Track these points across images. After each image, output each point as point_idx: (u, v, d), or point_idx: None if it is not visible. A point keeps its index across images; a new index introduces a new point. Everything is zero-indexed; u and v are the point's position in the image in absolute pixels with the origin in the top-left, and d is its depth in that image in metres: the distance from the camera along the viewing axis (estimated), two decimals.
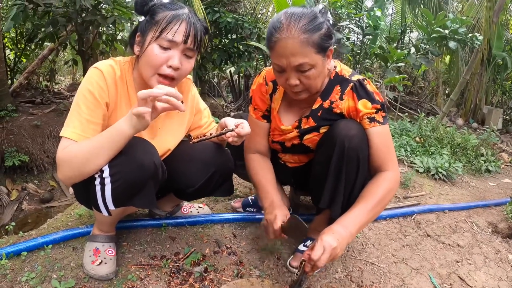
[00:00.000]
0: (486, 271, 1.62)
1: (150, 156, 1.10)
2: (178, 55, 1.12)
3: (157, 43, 1.10)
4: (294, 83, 1.17)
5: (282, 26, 1.11)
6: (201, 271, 1.29)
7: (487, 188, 2.94)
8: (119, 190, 1.09)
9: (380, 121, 1.23)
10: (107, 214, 1.16)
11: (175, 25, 1.10)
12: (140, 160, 1.08)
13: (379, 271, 1.49)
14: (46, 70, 5.82)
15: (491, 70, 6.15)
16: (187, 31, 1.11)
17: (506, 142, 5.00)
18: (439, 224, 2.02)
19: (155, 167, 1.11)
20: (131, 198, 1.13)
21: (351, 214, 1.16)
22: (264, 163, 1.44)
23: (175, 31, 1.10)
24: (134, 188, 1.11)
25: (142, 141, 1.14)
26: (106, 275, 1.25)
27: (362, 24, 3.69)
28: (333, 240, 1.07)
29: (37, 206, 3.56)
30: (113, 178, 1.07)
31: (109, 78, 1.16)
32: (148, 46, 1.11)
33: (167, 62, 1.11)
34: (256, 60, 6.08)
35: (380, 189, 1.19)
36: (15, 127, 3.80)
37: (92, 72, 1.15)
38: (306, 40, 1.09)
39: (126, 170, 1.07)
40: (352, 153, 1.18)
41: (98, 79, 1.14)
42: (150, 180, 1.12)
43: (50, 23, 3.93)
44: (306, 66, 1.13)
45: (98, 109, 1.13)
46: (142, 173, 1.09)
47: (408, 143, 3.44)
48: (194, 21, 1.14)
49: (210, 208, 1.84)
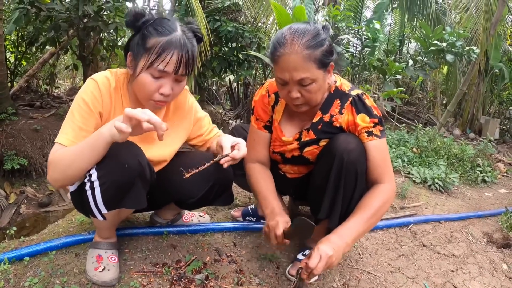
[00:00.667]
0: (480, 281, 1.65)
1: (134, 156, 1.12)
2: (169, 83, 1.15)
3: (148, 72, 1.12)
4: (295, 96, 1.21)
5: (286, 41, 1.15)
6: (202, 279, 1.32)
7: (483, 198, 2.97)
8: (108, 192, 1.11)
9: (378, 135, 1.27)
10: (101, 218, 1.17)
11: (167, 55, 1.09)
12: (125, 160, 1.10)
13: (376, 280, 1.52)
14: (46, 74, 5.85)
15: (488, 80, 6.23)
16: (179, 61, 1.11)
17: (503, 152, 5.05)
18: (435, 234, 2.05)
19: (140, 167, 1.12)
20: (121, 200, 1.14)
21: (347, 225, 1.19)
22: (264, 172, 1.47)
23: (167, 63, 1.10)
24: (122, 188, 1.12)
25: (127, 144, 1.15)
26: (109, 281, 1.27)
27: (361, 36, 3.76)
28: (329, 249, 1.11)
29: (35, 210, 3.56)
30: (100, 181, 1.09)
31: (103, 88, 1.19)
32: (140, 74, 1.13)
33: (159, 90, 1.14)
34: (256, 69, 6.14)
35: (376, 201, 1.23)
36: (14, 131, 3.82)
37: (88, 82, 1.19)
38: (308, 55, 1.14)
39: (112, 171, 1.09)
40: (350, 167, 1.22)
41: (93, 89, 1.17)
42: (137, 180, 1.14)
43: (52, 27, 3.96)
44: (308, 81, 1.17)
45: (91, 118, 1.16)
46: (128, 173, 1.10)
47: (405, 153, 3.47)
48: (186, 44, 1.13)
49: (211, 217, 1.86)
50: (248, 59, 5.12)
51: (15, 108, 4.12)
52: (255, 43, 4.86)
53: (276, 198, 1.39)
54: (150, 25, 1.13)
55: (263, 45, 5.11)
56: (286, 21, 3.16)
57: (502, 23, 6.36)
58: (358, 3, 6.17)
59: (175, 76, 1.14)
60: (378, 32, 3.62)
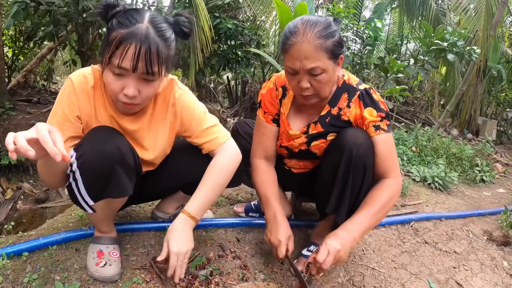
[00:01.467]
0: (482, 277, 1.66)
1: (112, 141, 1.07)
2: (133, 82, 1.01)
3: (109, 69, 1.01)
4: (305, 86, 1.20)
5: (298, 30, 1.15)
6: (206, 275, 1.30)
7: (482, 197, 2.99)
8: (89, 182, 1.07)
9: (385, 129, 1.27)
10: (90, 210, 1.13)
11: (123, 49, 0.96)
12: (102, 146, 1.05)
13: (380, 276, 1.52)
14: (44, 69, 5.80)
15: (486, 82, 6.27)
16: (136, 56, 0.96)
17: (500, 153, 5.08)
18: (436, 231, 2.05)
19: (119, 152, 1.06)
20: (104, 189, 1.09)
21: (354, 220, 1.20)
22: (269, 173, 1.46)
23: (122, 58, 0.97)
24: (102, 177, 1.07)
25: (106, 129, 1.11)
26: (111, 276, 1.24)
27: (363, 35, 3.76)
28: (337, 243, 1.12)
29: (32, 206, 3.53)
30: (81, 170, 1.05)
31: (79, 90, 1.13)
32: (103, 72, 1.04)
33: (123, 91, 1.02)
34: (254, 67, 6.12)
35: (382, 195, 1.23)
36: (12, 126, 3.78)
37: (65, 85, 1.14)
38: (320, 45, 1.14)
39: (90, 159, 1.04)
40: (359, 161, 1.21)
41: (69, 92, 1.12)
42: (117, 167, 1.07)
43: (51, 22, 3.92)
44: (318, 70, 1.17)
45: (67, 123, 1.13)
46: (106, 159, 1.05)
47: (405, 152, 3.49)
48: (149, 37, 0.98)
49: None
50: (247, 56, 5.11)
51: (13, 103, 4.08)
52: (254, 40, 4.85)
53: (279, 202, 1.39)
54: (116, 17, 1.01)
55: (263, 43, 5.10)
56: (288, 18, 3.15)
57: (501, 25, 6.39)
58: (357, 3, 6.17)
59: (138, 74, 1.00)
60: (380, 30, 3.62)
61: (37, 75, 5.80)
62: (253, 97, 6.39)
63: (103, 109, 1.19)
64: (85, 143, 1.07)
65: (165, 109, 1.28)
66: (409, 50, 7.81)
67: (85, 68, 1.18)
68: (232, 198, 2.09)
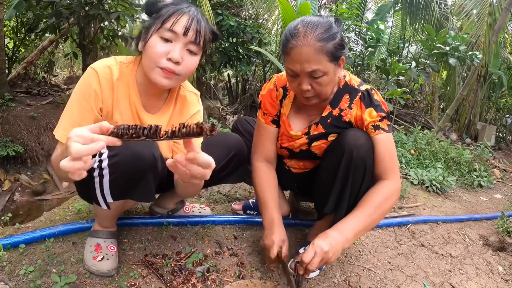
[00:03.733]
0: (477, 281, 1.67)
1: (149, 148, 1.08)
2: (180, 48, 1.08)
3: (158, 34, 1.08)
4: (306, 88, 1.20)
5: (298, 33, 1.14)
6: (203, 271, 1.30)
7: (479, 202, 3.00)
8: (116, 182, 1.07)
9: (385, 128, 1.27)
10: (105, 207, 1.14)
11: (177, 16, 1.07)
12: (138, 151, 1.05)
13: (376, 277, 1.52)
14: (44, 62, 5.77)
15: (487, 87, 6.28)
16: (188, 23, 1.07)
17: (498, 158, 5.10)
18: (433, 234, 2.06)
19: (153, 159, 1.08)
20: (129, 191, 1.11)
21: (347, 220, 1.18)
22: (269, 177, 1.45)
23: (176, 22, 1.07)
24: (132, 180, 1.08)
25: None
26: (107, 271, 1.24)
27: (365, 36, 3.76)
28: (325, 244, 1.10)
29: (29, 198, 3.52)
30: (111, 169, 1.05)
31: (104, 81, 1.13)
32: (150, 39, 1.08)
33: (168, 55, 1.07)
34: (255, 65, 6.11)
35: (378, 196, 1.22)
36: (11, 117, 3.76)
37: (88, 73, 1.13)
38: (321, 48, 1.13)
39: (124, 161, 1.04)
40: (359, 162, 1.21)
41: (93, 82, 1.12)
42: (148, 173, 1.09)
43: (53, 14, 3.90)
44: (319, 73, 1.17)
45: (89, 114, 1.13)
46: (140, 164, 1.06)
47: (403, 155, 3.49)
48: (198, 17, 1.11)
49: (211, 209, 1.84)
50: (249, 54, 5.09)
51: (12, 94, 4.06)
52: (256, 38, 4.83)
53: (276, 208, 1.38)
54: (165, 4, 1.13)
55: (265, 41, 5.09)
56: (291, 17, 3.15)
57: (503, 31, 6.40)
58: (360, 4, 6.17)
59: (186, 39, 1.08)
60: (382, 32, 3.62)
61: (37, 67, 5.78)
62: (253, 95, 6.38)
63: (127, 101, 1.19)
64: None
65: (183, 115, 1.30)
66: (410, 53, 7.82)
67: (108, 59, 1.19)
68: (230, 196, 2.09)
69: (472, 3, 5.38)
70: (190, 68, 1.12)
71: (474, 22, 5.10)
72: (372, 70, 4.95)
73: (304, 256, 1.10)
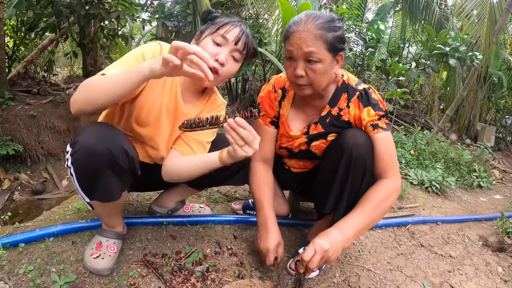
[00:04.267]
0: (477, 282, 1.67)
1: (105, 142, 1.02)
2: (227, 52, 1.21)
3: (211, 37, 1.21)
4: (300, 74, 1.21)
5: (300, 21, 1.18)
6: (203, 271, 1.30)
7: (478, 203, 3.00)
8: (81, 180, 1.07)
9: (384, 127, 1.27)
10: (90, 207, 1.19)
11: (231, 26, 1.22)
12: (93, 146, 1.01)
13: (375, 277, 1.52)
14: (44, 61, 5.77)
15: (487, 88, 6.28)
16: (239, 34, 1.22)
17: (498, 159, 5.10)
18: (432, 235, 2.06)
19: (109, 154, 1.02)
20: (95, 189, 1.09)
21: (347, 219, 1.19)
22: (266, 178, 1.45)
23: (229, 31, 1.21)
24: (91, 177, 1.05)
25: (105, 126, 1.09)
26: (100, 269, 1.24)
27: (365, 37, 3.76)
28: (326, 243, 1.11)
29: (28, 197, 3.52)
30: (74, 167, 1.05)
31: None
32: (204, 39, 1.22)
33: (215, 56, 1.18)
34: (255, 65, 6.11)
35: (378, 195, 1.22)
36: (11, 116, 3.76)
37: (153, 44, 1.22)
38: (320, 35, 1.16)
39: (80, 158, 1.02)
40: (359, 161, 1.21)
41: (155, 51, 1.20)
42: (105, 169, 1.04)
43: (53, 13, 3.90)
44: (314, 57, 1.17)
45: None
46: (93, 160, 1.01)
47: (403, 155, 3.49)
48: (247, 32, 1.25)
49: (211, 209, 1.85)
50: None
51: (12, 93, 4.06)
52: (256, 38, 4.83)
53: (271, 208, 1.40)
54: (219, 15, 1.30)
55: (265, 41, 5.09)
56: (292, 17, 3.14)
57: (503, 32, 6.40)
58: (361, 4, 6.17)
59: (234, 47, 1.21)
60: (383, 33, 3.62)
61: (37, 66, 5.77)
62: (253, 95, 6.38)
63: (170, 83, 1.27)
64: (79, 140, 1.04)
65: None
66: (410, 53, 7.82)
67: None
68: (230, 195, 2.09)
69: (473, 4, 5.38)
70: (231, 72, 1.25)
71: (474, 23, 5.10)
72: (372, 71, 4.95)
73: (304, 254, 1.10)
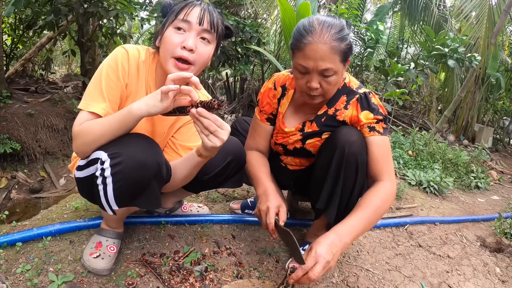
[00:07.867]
0: (474, 282, 1.67)
1: (153, 155, 1.05)
2: (193, 36, 1.12)
3: (172, 26, 1.13)
4: (315, 86, 1.20)
5: (315, 30, 1.15)
6: (201, 271, 1.30)
7: (476, 203, 3.01)
8: (121, 190, 1.05)
9: (380, 131, 1.27)
10: (111, 213, 1.12)
11: (189, 8, 1.13)
12: (142, 159, 1.02)
13: (374, 278, 1.53)
14: (42, 59, 5.75)
15: (485, 89, 6.30)
16: (202, 13, 1.12)
17: (495, 160, 5.12)
18: (430, 235, 2.06)
19: (158, 167, 1.06)
20: (134, 199, 1.09)
21: (346, 223, 1.16)
22: (261, 158, 1.47)
23: (189, 13, 1.12)
24: (137, 188, 1.06)
25: (145, 138, 1.10)
26: (99, 269, 1.23)
27: (364, 37, 3.76)
28: (328, 254, 1.05)
29: (26, 196, 3.50)
30: (114, 178, 1.02)
31: (132, 60, 1.18)
32: (165, 31, 1.14)
33: (182, 43, 1.10)
34: (254, 65, 6.11)
35: (376, 199, 1.21)
36: (8, 114, 3.74)
37: (118, 51, 1.17)
38: (336, 47, 1.14)
39: (128, 169, 1.01)
40: (351, 158, 1.22)
41: (123, 59, 1.16)
42: (153, 180, 1.07)
43: (51, 11, 3.88)
44: (331, 72, 1.17)
45: (117, 88, 1.15)
46: (145, 172, 1.03)
47: (401, 156, 3.50)
48: (210, 9, 1.15)
49: (209, 208, 1.84)
50: (247, 54, 5.08)
51: (10, 91, 4.04)
52: (255, 38, 4.82)
53: (270, 180, 1.37)
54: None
55: (263, 41, 5.08)
56: (291, 17, 3.14)
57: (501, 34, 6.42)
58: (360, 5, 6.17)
59: (200, 28, 1.12)
60: (381, 33, 3.63)
61: (35, 64, 5.75)
62: (251, 94, 6.38)
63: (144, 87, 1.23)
64: (123, 151, 1.02)
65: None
66: (409, 54, 7.84)
67: (135, 45, 1.24)
68: (229, 195, 2.09)
69: (471, 5, 5.40)
70: (204, 56, 1.15)
71: (473, 24, 5.12)
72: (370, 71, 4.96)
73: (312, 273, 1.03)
